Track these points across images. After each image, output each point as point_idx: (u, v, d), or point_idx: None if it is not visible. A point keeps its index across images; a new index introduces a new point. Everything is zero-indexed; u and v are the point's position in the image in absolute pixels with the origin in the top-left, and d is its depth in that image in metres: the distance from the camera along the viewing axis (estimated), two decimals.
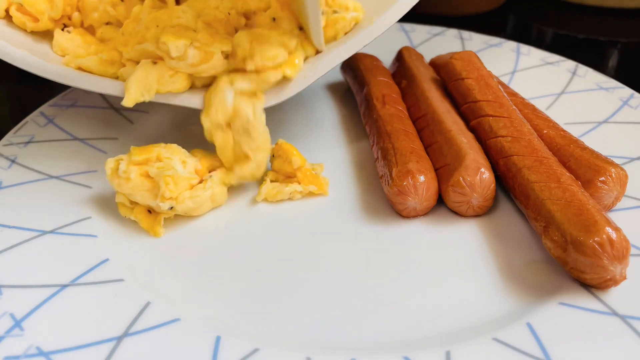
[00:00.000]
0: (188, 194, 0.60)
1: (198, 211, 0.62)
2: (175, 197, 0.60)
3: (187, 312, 0.52)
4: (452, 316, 0.51)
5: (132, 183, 0.60)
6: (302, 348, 0.48)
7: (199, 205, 0.62)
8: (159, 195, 0.59)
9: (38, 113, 0.77)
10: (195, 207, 0.61)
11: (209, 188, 0.62)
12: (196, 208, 0.62)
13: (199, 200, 0.61)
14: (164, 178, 0.59)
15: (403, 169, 0.60)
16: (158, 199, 0.59)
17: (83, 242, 0.59)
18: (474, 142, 0.64)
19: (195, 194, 0.61)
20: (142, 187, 0.60)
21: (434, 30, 0.95)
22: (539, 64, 0.85)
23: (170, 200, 0.59)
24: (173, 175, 0.59)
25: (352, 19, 0.67)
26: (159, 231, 0.61)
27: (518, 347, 0.47)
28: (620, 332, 0.47)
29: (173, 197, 0.59)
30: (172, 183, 0.59)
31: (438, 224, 0.61)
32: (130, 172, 0.60)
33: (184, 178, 0.60)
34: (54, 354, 0.47)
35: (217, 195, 0.63)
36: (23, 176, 0.67)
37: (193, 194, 0.61)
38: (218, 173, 0.64)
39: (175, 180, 0.60)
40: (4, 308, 0.51)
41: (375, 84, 0.75)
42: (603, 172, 0.58)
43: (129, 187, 0.60)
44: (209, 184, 0.62)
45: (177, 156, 0.62)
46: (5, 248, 0.57)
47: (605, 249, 0.48)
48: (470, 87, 0.69)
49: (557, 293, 0.52)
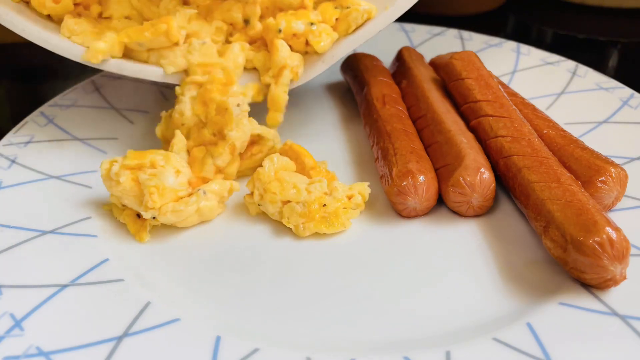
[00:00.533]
0: (171, 206, 0.59)
1: (183, 224, 0.61)
2: (159, 208, 0.59)
3: (187, 312, 0.52)
4: (452, 316, 0.51)
5: (122, 187, 0.60)
6: (302, 348, 0.48)
7: (182, 219, 0.60)
8: (143, 203, 0.59)
9: (38, 113, 0.77)
10: (177, 220, 0.60)
11: (194, 203, 0.59)
12: (180, 221, 0.60)
13: (181, 214, 0.59)
14: (148, 188, 0.58)
15: (403, 169, 0.60)
16: (142, 207, 0.59)
17: (83, 242, 0.59)
18: (474, 142, 0.64)
19: (178, 208, 0.59)
20: (131, 192, 0.60)
21: (434, 30, 0.95)
22: (539, 64, 0.84)
23: (153, 210, 0.58)
24: (158, 186, 0.58)
25: (364, 11, 0.68)
26: (144, 236, 0.60)
27: (518, 347, 0.47)
28: (620, 332, 0.47)
29: (156, 208, 0.58)
30: (156, 193, 0.58)
31: (438, 224, 0.61)
32: (121, 175, 0.60)
33: (171, 189, 0.59)
34: (54, 354, 0.47)
35: (204, 210, 0.60)
36: (23, 176, 0.67)
37: (176, 207, 0.59)
38: (211, 186, 0.62)
39: (160, 191, 0.59)
40: (4, 308, 0.51)
41: (375, 84, 0.75)
42: (603, 172, 0.58)
43: (118, 190, 0.60)
44: (193, 199, 0.60)
45: (171, 165, 0.61)
46: (5, 248, 0.57)
47: (605, 249, 0.48)
48: (470, 87, 0.69)
49: (557, 293, 0.52)
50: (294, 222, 0.60)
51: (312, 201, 0.60)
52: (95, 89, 0.83)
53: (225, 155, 0.64)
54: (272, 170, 0.62)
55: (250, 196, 0.63)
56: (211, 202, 0.61)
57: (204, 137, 0.65)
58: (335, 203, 0.60)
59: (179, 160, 0.62)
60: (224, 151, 0.63)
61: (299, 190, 0.61)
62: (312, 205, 0.60)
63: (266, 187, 0.61)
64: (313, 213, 0.60)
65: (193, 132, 0.66)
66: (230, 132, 0.63)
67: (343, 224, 0.60)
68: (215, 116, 0.64)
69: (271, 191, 0.61)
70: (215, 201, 0.61)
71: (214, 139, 0.65)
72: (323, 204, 0.60)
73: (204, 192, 0.60)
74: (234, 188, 0.63)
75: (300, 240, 0.60)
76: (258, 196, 0.62)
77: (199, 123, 0.66)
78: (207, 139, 0.65)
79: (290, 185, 0.61)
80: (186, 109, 0.65)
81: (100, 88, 0.83)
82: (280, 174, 0.62)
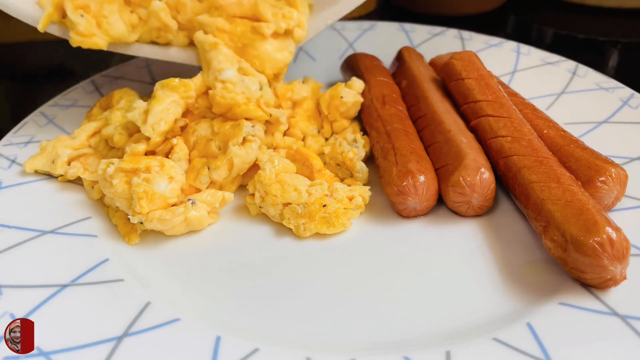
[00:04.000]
0: (158, 214, 0.58)
1: (170, 232, 0.60)
2: (146, 214, 0.58)
3: (187, 312, 0.52)
4: (452, 316, 0.51)
5: (114, 189, 0.60)
6: (302, 348, 0.48)
7: (168, 228, 0.59)
8: (131, 208, 0.59)
9: (38, 113, 0.77)
10: (163, 228, 0.59)
11: (181, 214, 0.58)
12: (166, 229, 0.59)
13: (167, 223, 0.58)
14: (137, 193, 0.58)
15: (403, 169, 0.60)
16: (130, 210, 0.59)
17: (83, 242, 0.59)
18: (474, 142, 0.64)
19: (164, 217, 0.58)
20: (122, 195, 0.60)
21: (434, 30, 0.95)
22: (539, 64, 0.84)
23: (140, 215, 0.58)
24: (147, 191, 0.58)
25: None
26: (133, 238, 0.59)
27: (518, 347, 0.47)
28: (620, 332, 0.47)
29: (143, 213, 0.58)
30: (145, 199, 0.58)
31: (438, 224, 0.61)
32: (115, 177, 0.60)
33: (160, 195, 0.59)
34: (54, 354, 0.47)
35: (192, 220, 0.59)
36: (23, 176, 0.67)
37: (162, 215, 0.58)
38: (202, 196, 0.61)
39: (149, 196, 0.58)
40: (4, 308, 0.51)
41: (375, 84, 0.75)
42: (603, 172, 0.58)
43: (111, 191, 0.60)
44: (180, 209, 0.58)
45: (165, 171, 0.61)
46: (5, 248, 0.57)
47: (605, 249, 0.48)
48: (470, 87, 0.69)
49: (557, 293, 0.52)
50: (294, 223, 0.60)
51: (313, 202, 0.60)
52: (95, 89, 0.83)
53: (222, 169, 0.63)
54: (272, 173, 0.62)
55: (251, 197, 0.63)
56: (200, 213, 0.60)
57: (209, 150, 0.65)
58: (336, 204, 0.60)
59: (175, 168, 0.62)
60: (222, 165, 0.62)
61: (300, 193, 0.61)
62: (313, 206, 0.60)
63: (267, 190, 0.61)
64: (313, 214, 0.60)
65: (200, 143, 0.66)
66: (234, 146, 0.63)
67: (343, 224, 0.60)
68: (226, 129, 0.65)
69: (272, 194, 0.61)
70: (205, 211, 0.60)
71: (217, 153, 0.65)
72: (323, 205, 0.60)
73: (192, 202, 0.60)
74: (227, 199, 0.62)
75: (300, 241, 0.60)
76: (259, 198, 0.62)
77: (209, 135, 0.66)
78: (211, 152, 0.65)
79: (291, 188, 0.61)
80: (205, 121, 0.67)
81: (100, 88, 0.83)
82: (281, 176, 0.62)
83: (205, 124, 0.67)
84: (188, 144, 0.66)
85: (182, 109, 0.66)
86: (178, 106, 0.65)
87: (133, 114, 0.64)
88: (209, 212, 0.61)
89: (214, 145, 0.65)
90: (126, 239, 0.60)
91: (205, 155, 0.65)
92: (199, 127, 0.67)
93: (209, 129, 0.66)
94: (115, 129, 0.67)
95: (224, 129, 0.65)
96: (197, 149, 0.66)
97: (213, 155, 0.65)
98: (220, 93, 0.66)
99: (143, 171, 0.60)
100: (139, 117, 0.64)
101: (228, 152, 0.63)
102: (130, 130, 0.67)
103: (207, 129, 0.66)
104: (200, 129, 0.66)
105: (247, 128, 0.64)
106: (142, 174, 0.60)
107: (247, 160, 0.64)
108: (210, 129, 0.66)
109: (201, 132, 0.66)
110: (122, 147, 0.66)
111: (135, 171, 0.60)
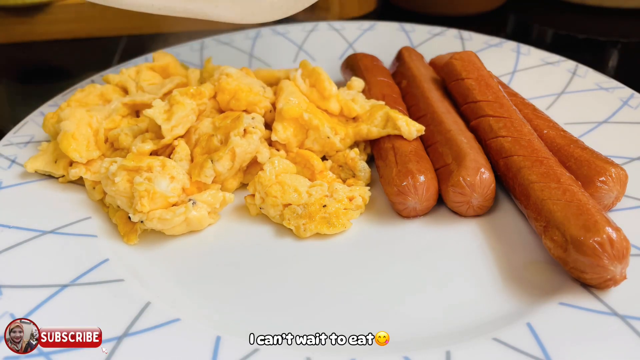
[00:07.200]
0: (158, 213, 0.58)
1: (170, 232, 0.60)
2: (147, 213, 0.58)
3: (187, 312, 0.52)
4: (452, 316, 0.51)
5: (116, 187, 0.60)
6: (302, 348, 0.48)
7: (168, 227, 0.59)
8: (132, 206, 0.59)
9: (38, 113, 0.77)
10: (164, 227, 0.59)
11: (181, 214, 0.58)
12: (167, 229, 0.59)
13: (167, 223, 0.58)
14: (139, 191, 0.58)
15: (403, 169, 0.60)
16: (131, 209, 0.59)
17: (83, 242, 0.59)
18: (474, 142, 0.64)
19: (165, 217, 0.58)
20: (124, 193, 0.60)
21: (434, 30, 0.95)
22: (539, 64, 0.84)
23: (141, 214, 0.58)
24: (148, 190, 0.58)
25: None
26: (133, 239, 0.59)
27: (518, 347, 0.47)
28: (620, 332, 0.47)
29: (144, 212, 0.58)
30: (146, 197, 0.58)
31: (438, 224, 0.61)
32: (117, 175, 0.60)
33: (162, 195, 0.59)
34: (54, 354, 0.47)
35: (193, 220, 0.59)
36: (23, 176, 0.67)
37: (163, 215, 0.58)
38: (203, 196, 0.61)
39: (150, 195, 0.58)
40: (4, 308, 0.51)
41: (375, 84, 0.75)
42: (603, 172, 0.58)
43: (112, 189, 0.60)
44: (181, 209, 0.58)
45: (167, 171, 0.61)
46: (5, 248, 0.57)
47: (605, 249, 0.48)
48: (470, 87, 0.69)
49: (557, 293, 0.52)
50: (294, 223, 0.60)
51: (313, 202, 0.60)
52: None
53: (225, 160, 0.63)
54: (273, 174, 0.62)
55: (251, 197, 0.63)
56: (201, 213, 0.60)
57: (212, 145, 0.65)
58: (336, 204, 0.60)
59: (176, 167, 0.62)
60: (224, 155, 0.63)
61: (300, 194, 0.61)
62: (313, 206, 0.60)
63: (267, 191, 0.61)
64: (314, 214, 0.60)
65: (203, 140, 0.66)
66: (235, 137, 0.63)
67: (344, 224, 0.60)
68: (228, 123, 0.65)
69: (272, 195, 0.61)
70: (205, 211, 0.60)
71: (220, 147, 0.65)
72: (323, 205, 0.60)
73: (193, 203, 0.60)
74: (228, 200, 0.62)
75: (300, 241, 0.60)
76: (259, 199, 0.62)
77: (211, 131, 0.66)
78: (214, 147, 0.65)
79: (292, 189, 0.61)
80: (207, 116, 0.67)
81: None
82: (282, 177, 0.62)
83: (207, 120, 0.67)
84: (190, 142, 0.67)
85: (197, 115, 0.68)
86: (194, 113, 0.67)
87: (154, 111, 0.65)
88: (210, 212, 0.61)
89: (216, 140, 0.65)
90: (125, 239, 0.60)
91: (207, 151, 0.65)
92: (201, 124, 0.67)
93: (211, 126, 0.67)
94: (122, 130, 0.67)
95: (225, 123, 0.66)
96: (199, 146, 0.66)
97: (216, 150, 0.65)
98: (225, 80, 0.68)
99: (145, 170, 0.60)
100: (160, 115, 0.65)
101: (229, 142, 0.63)
102: (135, 132, 0.68)
103: (208, 125, 0.67)
104: (202, 127, 0.67)
105: (248, 120, 0.65)
106: (144, 173, 0.60)
107: (249, 150, 0.64)
108: (212, 125, 0.67)
109: (203, 129, 0.67)
110: (127, 147, 0.66)
111: (137, 170, 0.60)
